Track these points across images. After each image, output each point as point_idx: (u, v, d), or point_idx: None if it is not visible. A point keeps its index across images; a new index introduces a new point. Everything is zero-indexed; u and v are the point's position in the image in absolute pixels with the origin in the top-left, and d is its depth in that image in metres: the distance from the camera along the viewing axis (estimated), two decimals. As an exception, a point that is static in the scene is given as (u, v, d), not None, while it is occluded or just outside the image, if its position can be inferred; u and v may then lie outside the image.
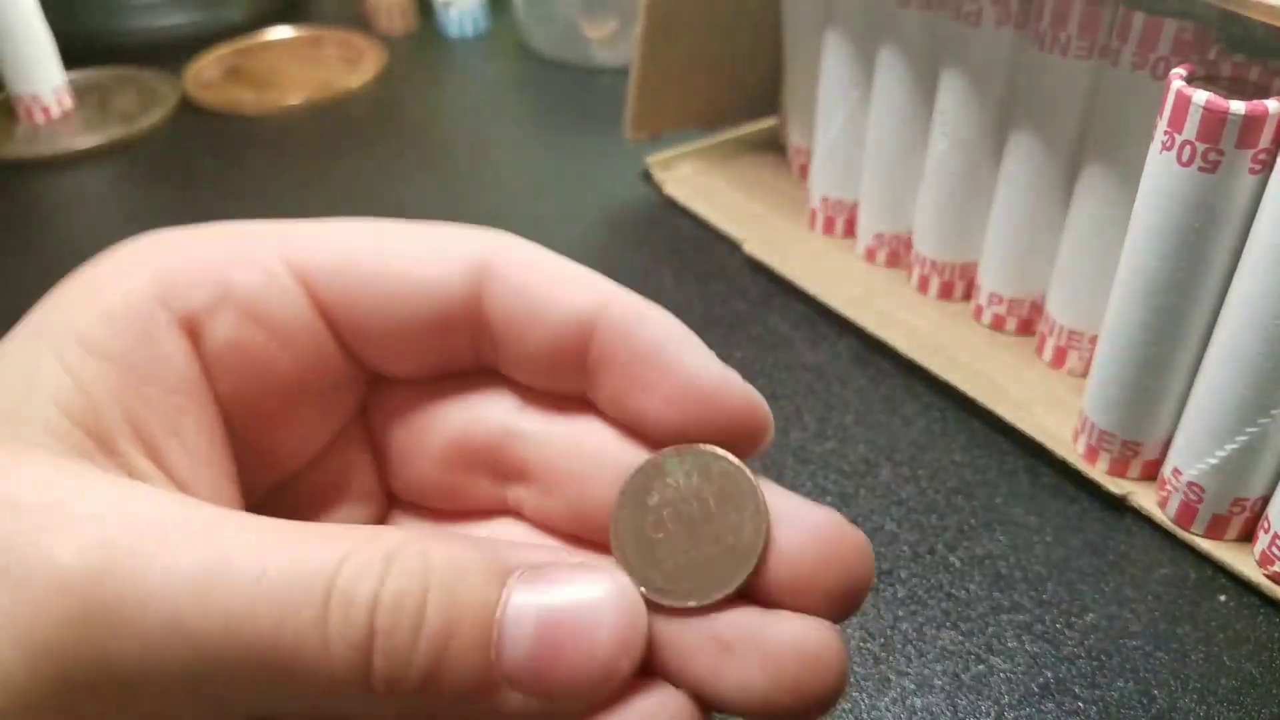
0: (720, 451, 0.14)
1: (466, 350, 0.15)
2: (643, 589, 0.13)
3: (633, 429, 0.14)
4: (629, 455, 0.14)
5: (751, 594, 0.13)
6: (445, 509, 0.16)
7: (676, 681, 0.13)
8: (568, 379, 0.15)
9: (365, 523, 0.16)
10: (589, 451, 0.15)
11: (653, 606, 0.13)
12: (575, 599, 0.12)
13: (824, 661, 0.13)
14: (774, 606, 0.13)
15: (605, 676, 0.12)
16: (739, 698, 0.13)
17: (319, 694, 0.11)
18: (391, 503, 0.17)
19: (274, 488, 0.16)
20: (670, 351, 0.14)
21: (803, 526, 0.13)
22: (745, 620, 0.13)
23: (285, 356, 0.14)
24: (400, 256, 0.14)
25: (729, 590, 0.13)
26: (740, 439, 0.14)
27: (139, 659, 0.11)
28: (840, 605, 0.13)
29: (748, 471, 0.13)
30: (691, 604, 0.13)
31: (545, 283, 0.14)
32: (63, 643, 0.10)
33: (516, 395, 0.15)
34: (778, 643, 0.13)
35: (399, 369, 0.15)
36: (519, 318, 0.14)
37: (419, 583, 0.11)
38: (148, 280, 0.13)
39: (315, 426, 0.15)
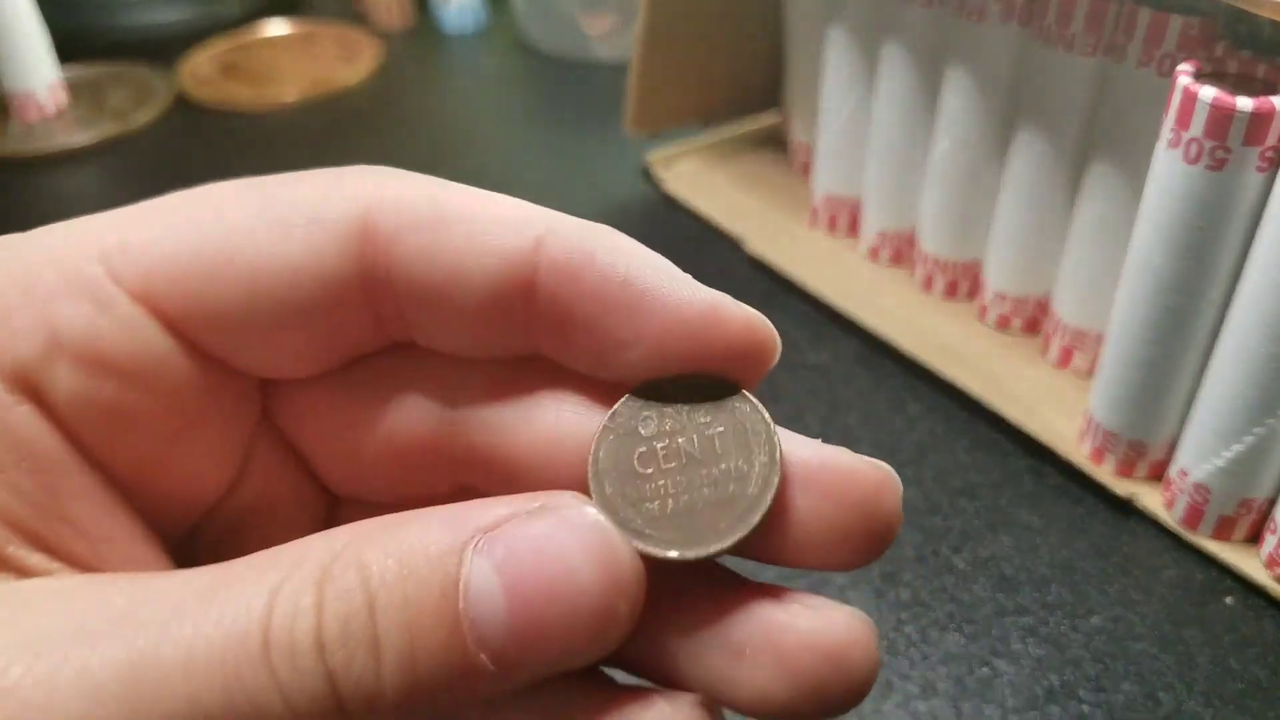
0: (737, 386, 0.12)
1: (369, 331, 0.13)
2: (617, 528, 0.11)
3: (607, 386, 0.12)
4: (592, 425, 0.12)
5: (753, 546, 0.12)
6: (396, 501, 0.14)
7: (689, 687, 0.12)
8: (510, 341, 0.12)
9: (311, 530, 0.12)
10: (546, 429, 0.12)
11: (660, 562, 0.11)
12: (541, 552, 0.10)
13: (849, 660, 0.11)
14: (778, 554, 0.12)
15: (602, 623, 0.11)
16: (759, 707, 0.11)
17: None
18: (335, 501, 0.15)
19: (195, 524, 0.14)
20: (639, 285, 0.12)
21: (813, 458, 0.12)
22: (756, 617, 0.11)
23: (146, 397, 0.12)
24: (255, 243, 0.12)
25: (720, 547, 0.11)
26: (745, 367, 0.12)
27: None
28: (861, 548, 0.12)
29: (766, 416, 0.12)
30: (672, 554, 0.11)
31: (455, 234, 0.12)
32: None
33: (445, 374, 0.13)
34: (796, 644, 0.11)
35: (292, 370, 0.13)
36: (432, 283, 0.12)
37: (361, 601, 0.10)
38: None
39: (214, 456, 0.13)
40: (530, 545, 0.10)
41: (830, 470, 0.12)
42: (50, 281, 0.11)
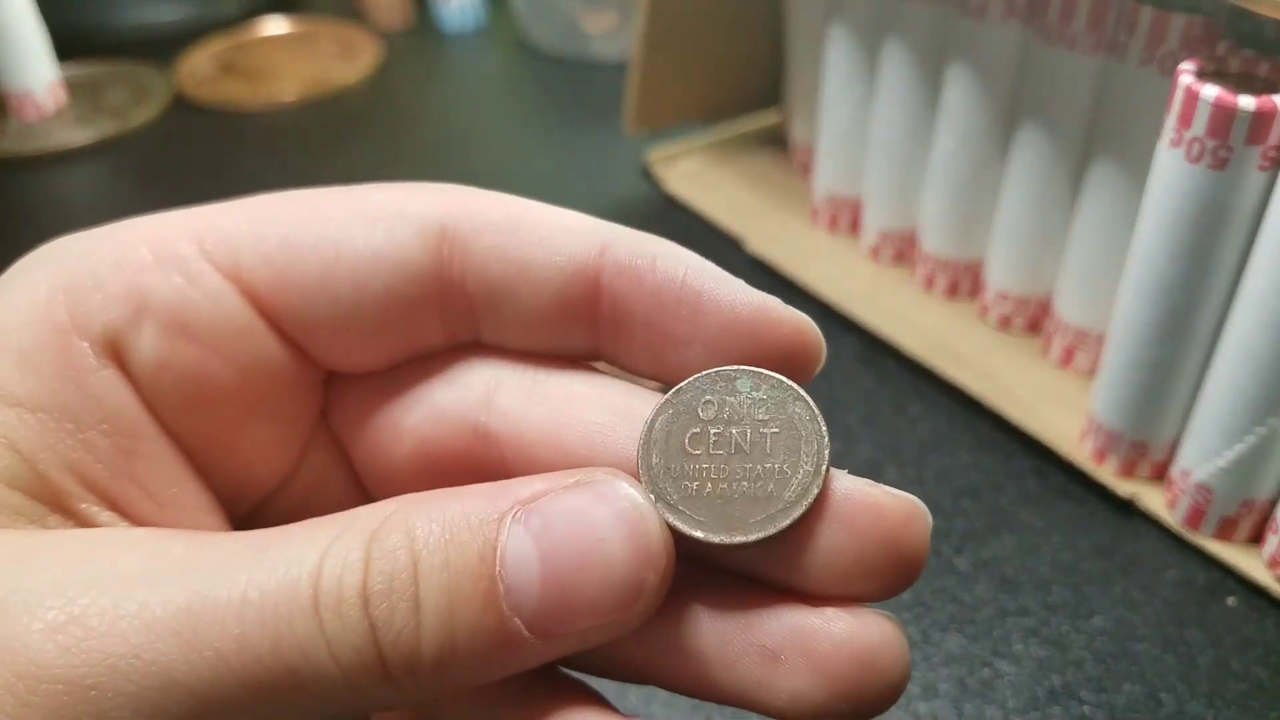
0: (803, 393, 0.12)
1: (435, 328, 0.13)
2: (653, 497, 0.12)
3: (667, 380, 0.13)
4: (620, 443, 0.13)
5: (781, 566, 0.12)
6: None
7: (724, 694, 0.12)
8: (575, 340, 0.13)
9: None
10: (572, 446, 0.13)
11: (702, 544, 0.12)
12: (574, 523, 0.11)
13: (883, 662, 0.11)
14: (801, 582, 0.12)
15: (631, 595, 0.11)
16: (792, 709, 0.12)
17: (342, 698, 0.11)
18: None
19: (250, 511, 0.14)
20: (697, 287, 0.12)
21: (838, 490, 0.12)
22: (790, 622, 0.12)
23: (225, 368, 0.12)
24: (341, 230, 0.12)
25: (743, 540, 0.12)
26: (794, 367, 0.13)
27: None
28: (885, 582, 0.12)
29: (823, 428, 0.12)
30: (698, 535, 0.12)
31: (528, 237, 0.13)
32: None
33: (489, 378, 0.14)
34: (831, 648, 0.11)
35: (358, 361, 0.14)
36: (504, 280, 0.13)
37: (406, 560, 0.11)
38: (56, 304, 0.12)
39: (278, 441, 0.14)
40: (564, 516, 0.11)
41: (855, 503, 0.12)
42: (143, 256, 0.12)
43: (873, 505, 0.12)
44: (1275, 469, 0.23)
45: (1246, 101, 0.20)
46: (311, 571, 0.10)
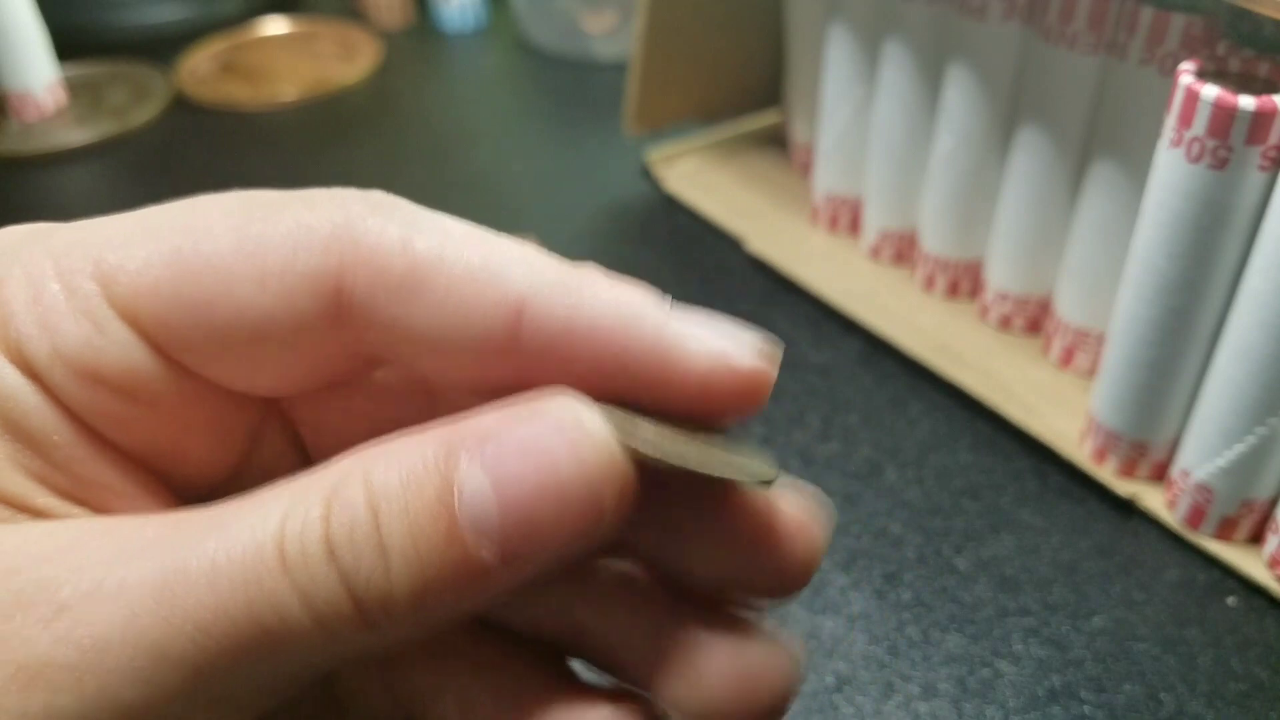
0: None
1: (348, 359, 0.13)
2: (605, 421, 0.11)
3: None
4: None
5: (678, 538, 0.13)
6: None
7: (614, 673, 0.13)
8: (497, 381, 0.13)
9: None
10: None
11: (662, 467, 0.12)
12: (527, 450, 0.11)
13: (758, 691, 0.12)
14: (712, 581, 0.13)
15: (590, 513, 0.11)
16: (672, 710, 0.13)
17: (325, 650, 0.11)
18: None
19: (205, 498, 0.14)
20: (633, 347, 0.12)
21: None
22: (683, 627, 0.13)
23: (141, 411, 0.13)
24: (234, 285, 0.12)
25: (700, 470, 0.12)
26: (743, 412, 0.13)
27: (138, 695, 0.10)
28: (774, 576, 0.13)
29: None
30: (657, 456, 0.12)
31: (431, 300, 0.12)
32: (67, 709, 0.10)
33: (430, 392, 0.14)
34: (710, 665, 0.12)
35: (274, 390, 0.14)
36: (412, 349, 0.12)
37: (365, 510, 0.11)
38: None
39: (219, 447, 0.14)
40: (515, 445, 0.11)
41: (758, 495, 0.12)
42: (54, 293, 0.12)
43: (771, 497, 0.12)
44: (1275, 469, 0.23)
45: (1246, 101, 0.20)
46: (275, 532, 0.11)
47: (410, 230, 0.12)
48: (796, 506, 0.13)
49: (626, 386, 0.12)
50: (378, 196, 0.13)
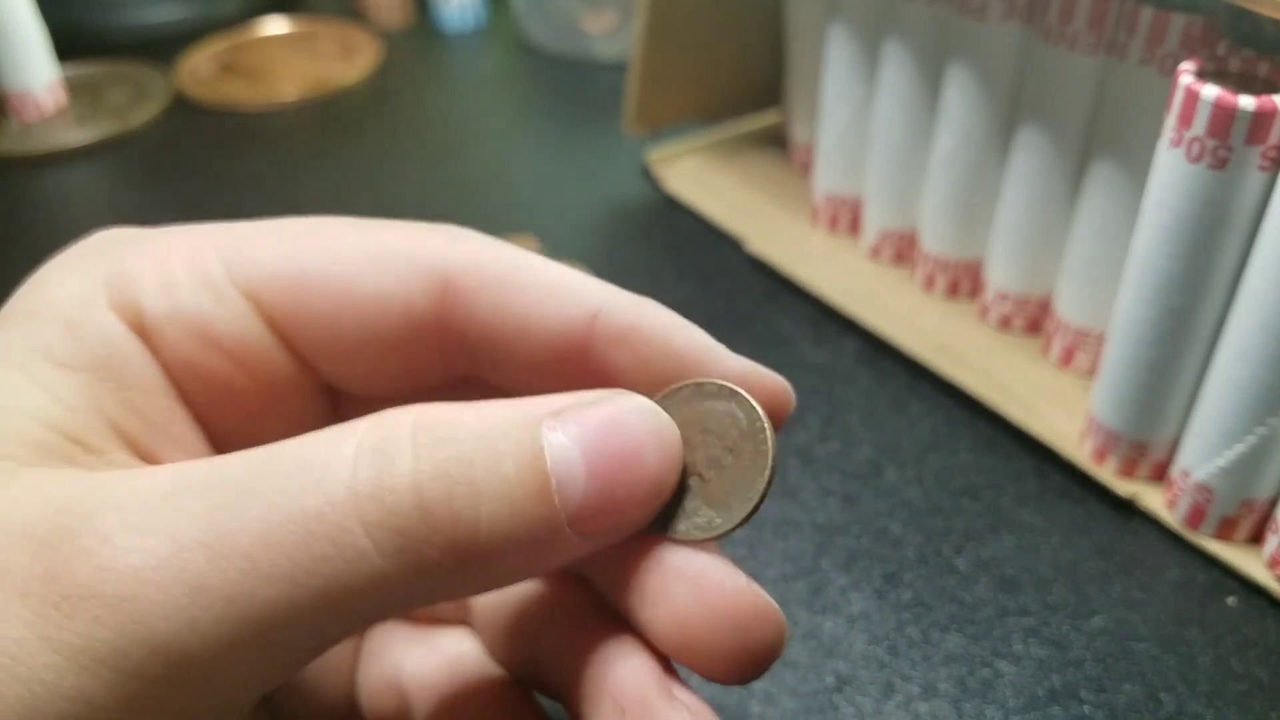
0: (769, 432, 0.13)
1: (435, 365, 0.14)
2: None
3: None
4: None
5: (638, 608, 0.13)
6: None
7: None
8: (565, 388, 0.14)
9: None
10: None
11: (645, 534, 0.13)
12: (611, 428, 0.12)
13: None
14: (653, 632, 0.13)
15: (656, 495, 0.12)
16: None
17: (381, 593, 0.11)
18: None
19: None
20: (688, 357, 0.13)
21: (699, 585, 0.13)
22: (645, 688, 0.13)
23: (240, 375, 0.14)
24: (353, 270, 0.14)
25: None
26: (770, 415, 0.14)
27: (173, 632, 0.10)
28: (725, 664, 0.12)
29: (767, 473, 0.13)
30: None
31: (525, 298, 0.14)
32: (101, 640, 0.10)
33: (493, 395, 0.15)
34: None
35: (364, 387, 0.15)
36: (500, 336, 0.14)
37: (458, 448, 0.11)
38: (98, 290, 0.13)
39: (287, 434, 0.15)
40: (600, 422, 0.12)
41: (713, 579, 0.13)
42: (177, 268, 0.13)
43: (731, 591, 0.12)
44: (1275, 468, 0.23)
45: (1246, 101, 0.20)
46: (346, 461, 0.11)
47: (513, 251, 0.14)
48: (756, 598, 0.13)
49: (669, 382, 0.13)
50: (483, 235, 0.14)
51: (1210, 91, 0.21)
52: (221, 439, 0.14)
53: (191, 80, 0.47)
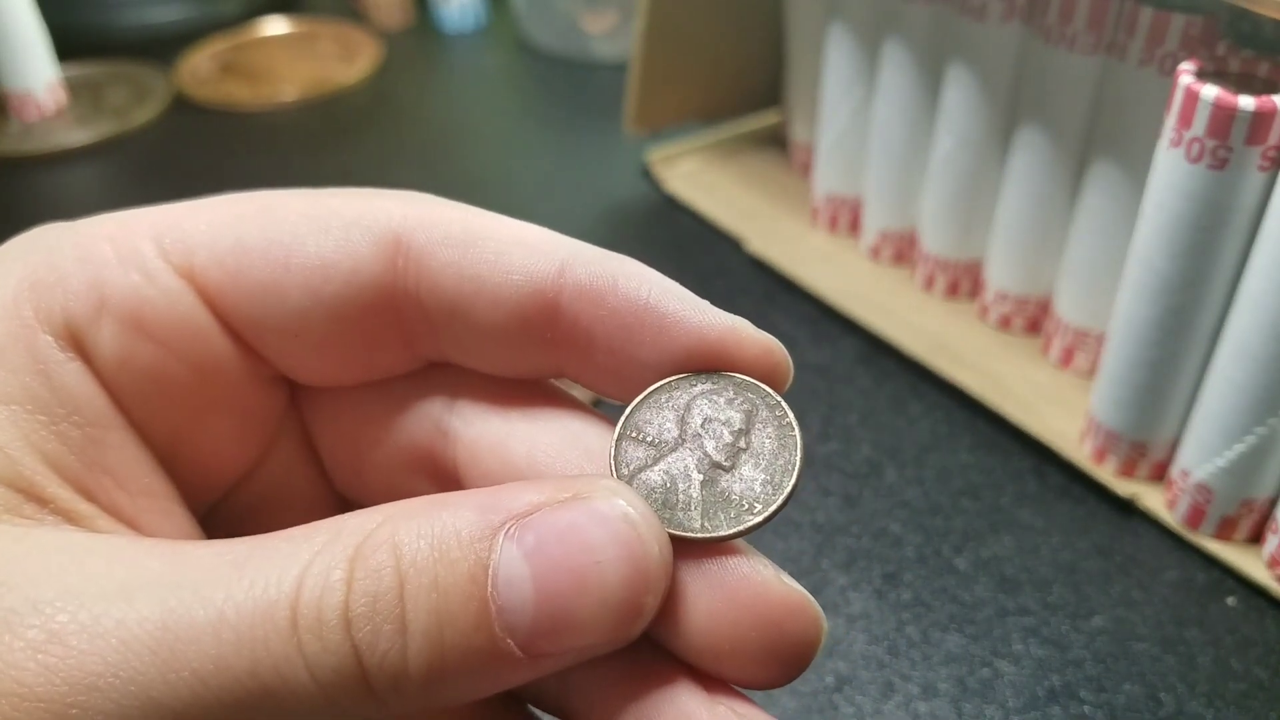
0: (789, 412, 0.12)
1: (395, 345, 0.13)
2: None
3: (630, 400, 0.13)
4: (562, 465, 0.13)
5: (667, 628, 0.12)
6: None
7: None
8: (535, 360, 0.13)
9: None
10: (515, 459, 0.13)
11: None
12: (570, 543, 0.10)
13: None
14: (685, 647, 0.12)
15: (628, 615, 0.11)
16: None
17: (324, 715, 0.10)
18: (343, 506, 0.15)
19: (216, 503, 0.14)
20: (663, 309, 0.12)
21: (723, 583, 0.12)
22: (681, 707, 0.12)
23: (181, 366, 0.13)
24: (294, 235, 0.12)
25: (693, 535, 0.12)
26: (763, 376, 0.13)
27: None
28: (764, 668, 0.11)
29: (797, 456, 0.12)
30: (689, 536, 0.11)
31: (484, 253, 0.12)
32: None
33: (459, 387, 0.14)
34: None
35: (319, 372, 0.14)
36: (459, 297, 0.12)
37: (391, 581, 0.10)
38: (20, 298, 0.12)
39: (239, 435, 0.14)
40: (559, 535, 0.11)
41: (742, 578, 0.12)
42: (104, 253, 0.12)
43: (759, 584, 0.11)
44: (1275, 468, 0.23)
45: (1246, 101, 0.20)
46: (290, 591, 0.10)
47: (468, 210, 0.13)
48: (787, 591, 0.12)
49: (650, 346, 0.12)
50: (436, 197, 0.13)
51: (1210, 92, 0.21)
52: (168, 447, 0.13)
53: (192, 80, 0.47)
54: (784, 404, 0.12)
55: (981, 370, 0.29)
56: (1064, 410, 0.28)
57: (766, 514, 0.11)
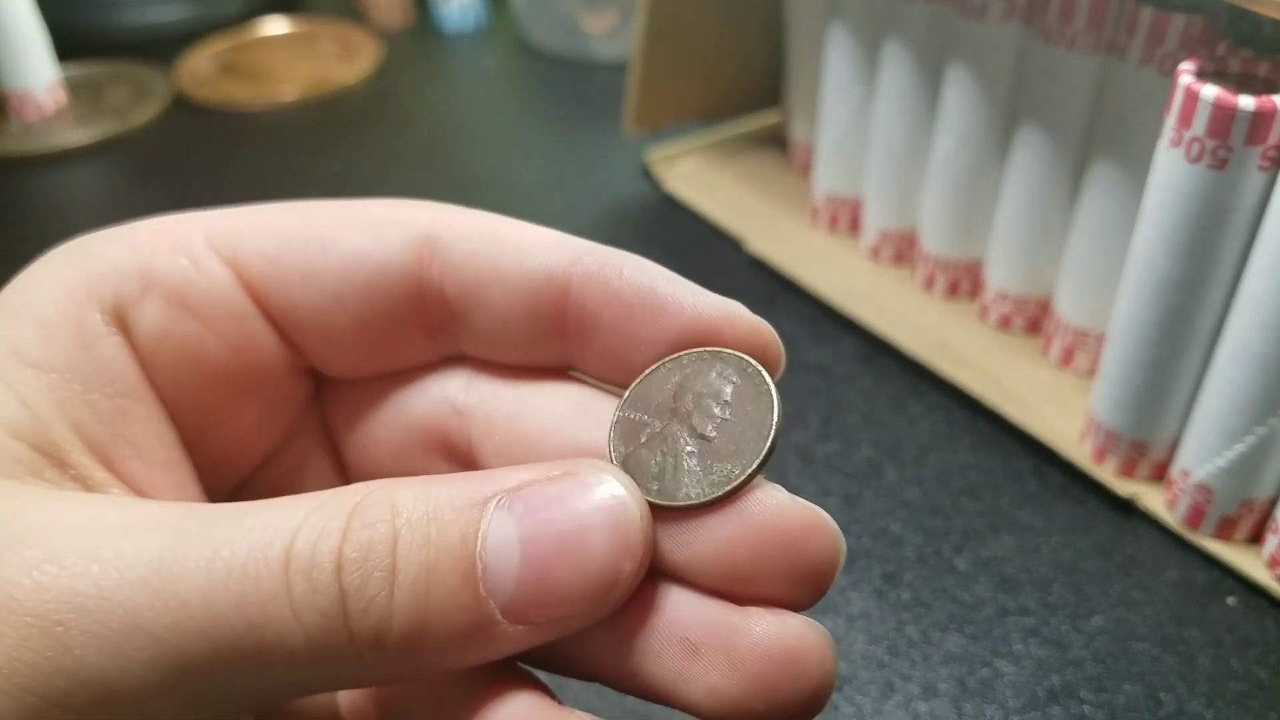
0: (768, 379, 0.13)
1: (417, 336, 0.14)
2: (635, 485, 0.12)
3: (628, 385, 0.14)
4: (572, 433, 0.13)
5: (687, 556, 0.12)
6: None
7: (647, 685, 0.12)
8: (546, 348, 0.14)
9: None
10: (530, 431, 0.14)
11: (652, 507, 0.12)
12: (557, 511, 0.11)
13: (800, 665, 0.12)
14: (707, 576, 0.12)
15: (607, 586, 0.11)
16: (708, 703, 0.12)
17: (306, 668, 0.11)
18: None
19: (232, 490, 0.15)
20: (663, 292, 0.13)
21: (740, 510, 0.12)
22: (713, 616, 0.12)
23: (218, 345, 0.14)
24: (331, 230, 0.14)
25: (673, 504, 0.12)
26: (756, 354, 0.13)
27: (104, 667, 0.10)
28: (788, 589, 0.12)
29: (775, 416, 0.12)
30: (668, 503, 0.12)
31: (503, 246, 0.14)
32: (26, 663, 0.10)
33: (474, 371, 0.15)
34: (748, 645, 0.12)
35: (345, 365, 0.15)
36: (479, 285, 0.14)
37: (386, 533, 0.11)
38: (77, 281, 0.13)
39: (264, 422, 0.15)
40: (548, 504, 0.11)
41: (758, 503, 0.12)
42: (155, 242, 0.14)
43: (774, 508, 0.12)
44: (1275, 468, 0.23)
45: (1246, 101, 0.20)
46: (286, 535, 0.11)
47: (490, 215, 0.14)
48: (803, 510, 0.12)
49: (650, 326, 0.13)
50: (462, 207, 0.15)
51: (1210, 92, 0.21)
52: (195, 427, 0.14)
53: (192, 80, 0.47)
54: (763, 372, 0.13)
55: (981, 370, 0.29)
56: (1064, 410, 0.28)
57: (745, 475, 0.12)
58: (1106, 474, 0.26)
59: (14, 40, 0.42)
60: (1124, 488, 0.26)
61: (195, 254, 0.14)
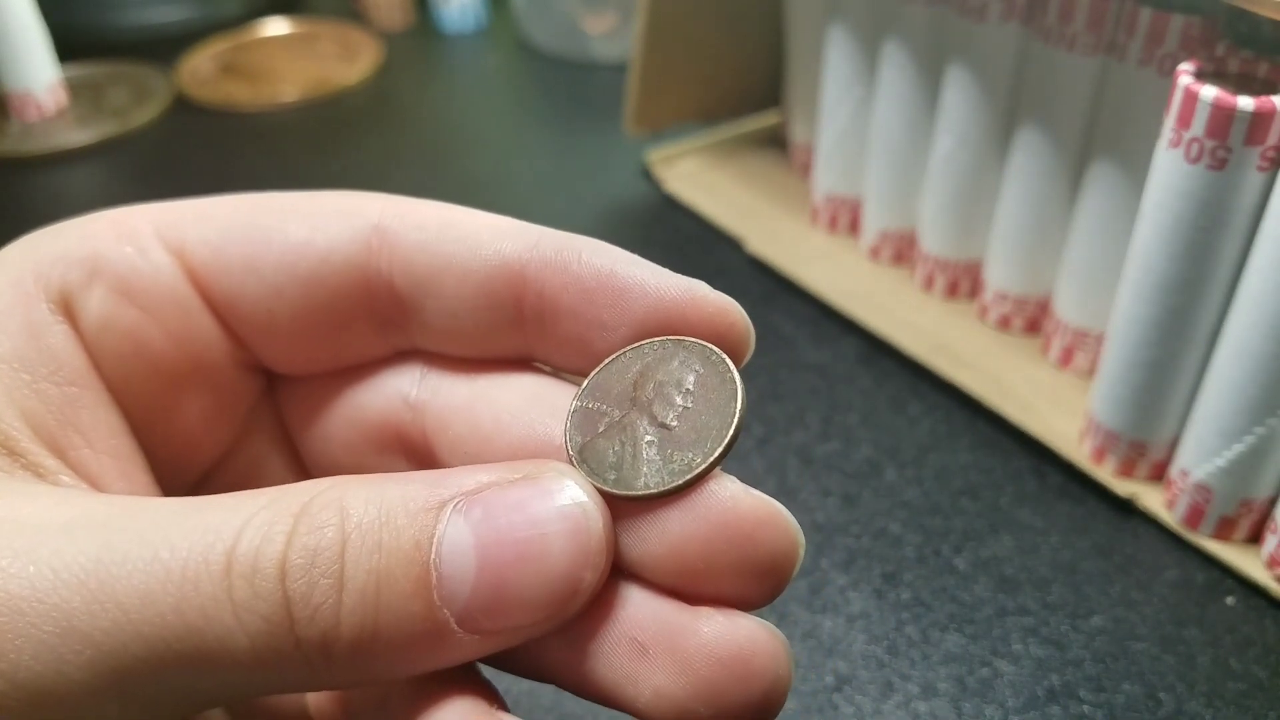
0: (732, 369, 0.12)
1: (367, 330, 0.14)
2: (595, 483, 0.12)
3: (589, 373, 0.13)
4: (528, 423, 0.13)
5: (640, 552, 0.12)
6: None
7: (595, 687, 0.12)
8: (503, 338, 0.13)
9: None
10: (484, 423, 0.13)
11: (608, 498, 0.12)
12: (516, 517, 0.11)
13: (749, 667, 0.11)
14: (661, 571, 0.12)
15: (567, 595, 0.11)
16: (654, 706, 0.11)
17: (251, 672, 0.10)
18: None
19: (192, 484, 0.15)
20: (623, 274, 0.13)
21: (692, 503, 0.12)
22: (662, 615, 0.11)
23: (160, 334, 0.13)
24: (276, 220, 0.13)
25: (630, 494, 0.12)
26: (723, 349, 0.13)
27: (39, 671, 0.10)
28: (743, 585, 0.11)
29: (738, 404, 0.12)
30: (627, 494, 0.12)
31: (455, 234, 0.13)
32: None
33: (427, 365, 0.14)
34: (696, 645, 0.11)
35: (294, 361, 0.14)
36: (430, 275, 0.13)
37: (334, 538, 0.10)
38: (25, 271, 0.13)
39: (213, 415, 0.14)
40: (506, 509, 0.11)
41: (711, 496, 0.12)
42: (104, 231, 0.14)
43: (726, 500, 0.11)
44: (1274, 468, 0.23)
45: (1245, 102, 0.20)
46: (229, 537, 0.10)
47: (445, 205, 0.14)
48: (755, 502, 0.12)
49: (611, 310, 0.13)
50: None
51: (1209, 92, 0.21)
52: (144, 417, 0.14)
53: (192, 81, 0.47)
54: (728, 360, 0.12)
55: (981, 370, 0.29)
56: (1063, 410, 0.28)
57: (707, 463, 0.12)
58: (1106, 474, 0.26)
59: (15, 41, 0.42)
60: (1123, 487, 0.26)
61: (141, 242, 0.13)
